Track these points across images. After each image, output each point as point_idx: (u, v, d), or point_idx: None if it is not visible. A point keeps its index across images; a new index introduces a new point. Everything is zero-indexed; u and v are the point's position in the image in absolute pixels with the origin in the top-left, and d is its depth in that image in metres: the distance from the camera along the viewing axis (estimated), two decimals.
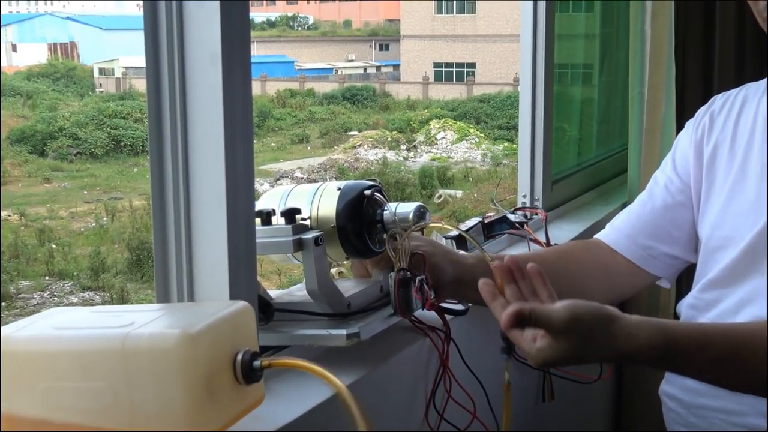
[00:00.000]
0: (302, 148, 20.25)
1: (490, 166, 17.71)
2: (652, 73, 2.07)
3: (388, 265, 1.17)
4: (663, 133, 2.06)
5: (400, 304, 1.08)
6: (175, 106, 0.93)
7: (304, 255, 1.06)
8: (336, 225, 1.11)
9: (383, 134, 20.05)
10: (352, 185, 1.14)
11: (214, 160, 0.92)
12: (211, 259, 0.94)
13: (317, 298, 1.07)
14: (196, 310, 0.86)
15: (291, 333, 1.06)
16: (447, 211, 13.61)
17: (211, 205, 0.93)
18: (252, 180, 0.96)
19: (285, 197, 1.17)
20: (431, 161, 18.28)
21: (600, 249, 1.40)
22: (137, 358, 0.76)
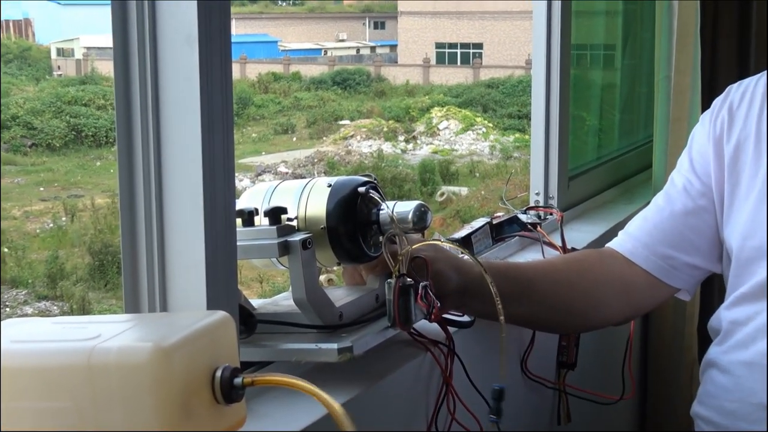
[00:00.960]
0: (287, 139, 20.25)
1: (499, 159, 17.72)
2: (679, 56, 2.07)
3: (384, 270, 1.18)
4: (690, 122, 2.07)
5: (398, 314, 1.09)
6: (146, 92, 0.94)
7: (290, 260, 1.07)
8: (326, 226, 1.11)
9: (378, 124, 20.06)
10: (345, 181, 1.14)
11: (189, 153, 0.93)
12: (186, 264, 0.95)
13: (305, 309, 1.08)
14: (169, 321, 0.87)
15: (275, 347, 1.07)
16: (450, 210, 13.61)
17: (186, 203, 0.94)
18: (232, 175, 0.96)
19: (269, 195, 1.17)
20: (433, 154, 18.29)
21: (615, 259, 1.40)
22: (105, 374, 0.77)
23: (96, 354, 0.77)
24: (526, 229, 1.69)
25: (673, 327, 2.13)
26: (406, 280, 1.09)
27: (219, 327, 0.85)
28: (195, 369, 0.80)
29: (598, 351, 1.81)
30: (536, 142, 1.94)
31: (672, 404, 2.13)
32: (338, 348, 1.04)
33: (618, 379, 1.66)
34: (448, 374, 1.19)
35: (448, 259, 1.22)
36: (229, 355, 0.85)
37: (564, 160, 1.95)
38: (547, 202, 1.92)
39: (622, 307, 1.39)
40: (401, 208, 1.14)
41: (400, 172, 16.17)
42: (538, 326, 1.43)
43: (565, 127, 1.95)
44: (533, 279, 1.32)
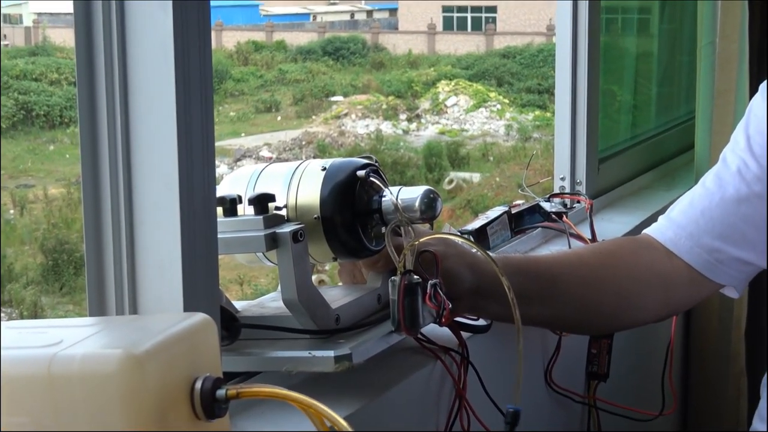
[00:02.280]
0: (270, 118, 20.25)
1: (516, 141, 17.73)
2: (725, 19, 2.08)
3: (387, 267, 1.18)
4: (738, 95, 2.08)
5: (404, 317, 1.09)
6: (112, 63, 0.94)
7: (279, 254, 1.08)
8: (320, 215, 1.12)
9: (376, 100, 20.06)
10: (341, 164, 1.15)
11: (163, 132, 0.93)
12: (159, 260, 0.96)
13: (296, 311, 1.09)
14: (141, 325, 0.88)
15: (262, 355, 1.08)
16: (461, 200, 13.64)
17: (159, 190, 0.95)
18: (212, 157, 0.97)
19: (254, 180, 1.18)
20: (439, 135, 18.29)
21: (653, 250, 1.41)
22: (67, 386, 0.77)
23: (57, 362, 0.78)
24: (549, 220, 1.69)
25: (719, 332, 2.14)
26: (412, 277, 1.09)
27: (198, 331, 0.85)
28: (171, 379, 0.81)
29: (634, 359, 1.81)
30: (561, 120, 1.94)
31: (718, 420, 2.13)
32: (335, 356, 1.05)
33: (657, 392, 1.66)
34: (461, 386, 1.20)
35: (460, 255, 1.23)
36: (210, 363, 0.85)
37: (593, 141, 1.96)
38: (573, 189, 1.92)
39: (659, 306, 1.40)
40: (407, 195, 1.14)
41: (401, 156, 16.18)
42: (564, 328, 1.44)
43: (594, 103, 1.95)
44: (557, 275, 1.33)
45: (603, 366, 1.59)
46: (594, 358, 1.59)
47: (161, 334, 0.82)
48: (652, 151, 2.31)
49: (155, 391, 0.79)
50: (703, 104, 2.11)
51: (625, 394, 1.68)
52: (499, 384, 1.26)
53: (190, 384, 0.82)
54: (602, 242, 1.56)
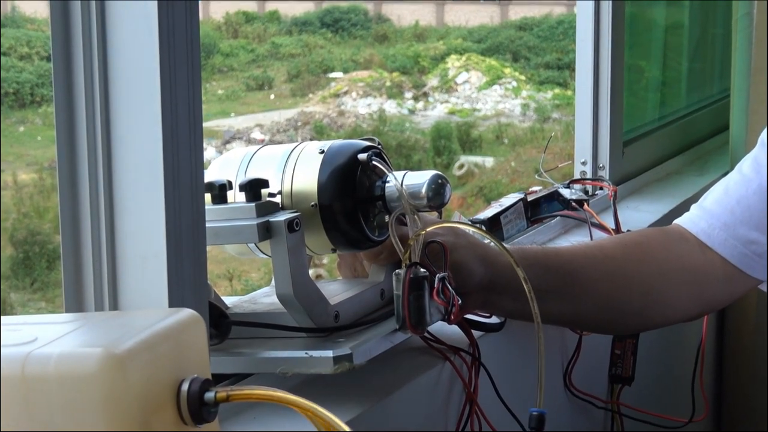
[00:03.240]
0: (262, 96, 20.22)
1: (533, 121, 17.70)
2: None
3: (391, 259, 1.19)
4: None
5: (409, 314, 1.10)
6: (91, 36, 0.94)
7: (272, 245, 1.08)
8: (318, 203, 1.12)
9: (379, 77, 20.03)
10: (341, 146, 1.15)
11: (146, 111, 0.93)
12: (142, 251, 0.96)
13: (292, 307, 1.09)
14: (122, 322, 0.88)
15: (254, 356, 1.08)
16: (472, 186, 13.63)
17: (142, 175, 0.95)
18: (200, 138, 0.97)
19: (245, 164, 1.18)
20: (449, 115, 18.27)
21: (685, 242, 1.41)
22: (42, 388, 0.78)
23: (31, 362, 0.78)
24: (569, 208, 1.70)
25: (755, 332, 2.14)
26: (418, 270, 1.10)
27: (185, 328, 0.86)
28: (155, 381, 0.81)
29: (662, 361, 1.82)
30: (582, 98, 1.95)
31: (753, 428, 2.14)
32: (334, 356, 1.05)
33: (686, 397, 1.67)
34: (472, 389, 1.21)
35: (471, 246, 1.23)
36: (197, 363, 0.86)
37: (617, 121, 1.96)
38: (596, 174, 1.93)
39: (690, 304, 1.41)
40: (413, 180, 1.15)
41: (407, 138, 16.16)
42: (585, 326, 1.44)
43: (618, 80, 1.95)
44: (578, 269, 1.33)
45: (628, 368, 1.60)
46: (618, 359, 1.60)
47: (144, 332, 0.82)
48: (682, 133, 2.32)
49: (138, 393, 0.79)
50: (739, 81, 2.11)
51: (652, 399, 1.69)
52: (513, 387, 1.27)
53: (176, 386, 0.83)
54: (628, 233, 1.56)
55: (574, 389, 1.50)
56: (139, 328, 0.83)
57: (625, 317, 1.39)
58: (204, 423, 0.84)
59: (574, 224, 1.72)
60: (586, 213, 1.68)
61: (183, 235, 0.96)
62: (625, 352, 1.60)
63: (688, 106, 2.54)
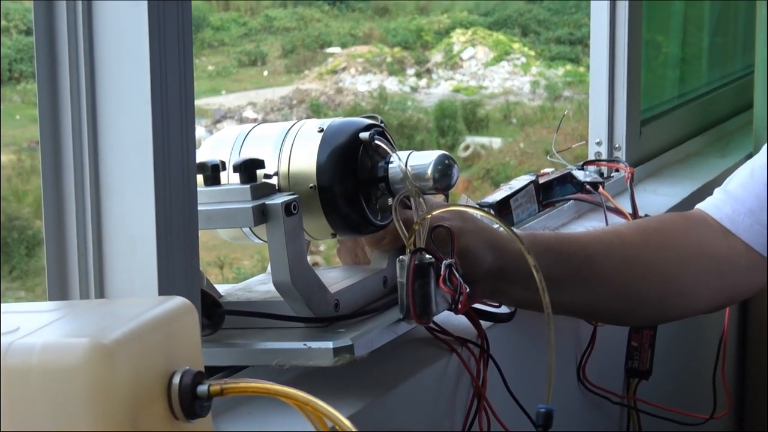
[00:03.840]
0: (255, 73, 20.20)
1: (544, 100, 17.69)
2: None
3: (395, 245, 1.19)
4: None
5: (414, 303, 1.10)
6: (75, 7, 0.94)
7: (268, 229, 1.08)
8: (317, 185, 1.12)
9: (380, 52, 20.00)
10: (341, 125, 1.15)
11: (135, 86, 0.93)
12: (130, 236, 0.96)
13: (289, 295, 1.09)
14: (109, 311, 0.88)
15: (249, 347, 1.08)
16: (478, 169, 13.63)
17: (130, 154, 0.95)
18: (192, 115, 0.97)
19: (239, 143, 1.18)
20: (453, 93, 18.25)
21: (707, 228, 1.41)
22: (24, 380, 0.78)
23: (13, 353, 0.78)
24: (583, 191, 1.70)
25: None
26: (424, 256, 1.10)
27: (176, 318, 0.86)
28: (145, 373, 0.81)
29: (681, 354, 1.82)
30: (596, 75, 1.95)
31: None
32: (334, 347, 1.05)
33: (707, 392, 1.67)
34: (480, 383, 1.21)
35: (479, 231, 1.23)
36: (189, 355, 0.86)
37: (634, 99, 1.96)
38: (611, 155, 1.93)
39: (713, 294, 1.41)
40: (418, 161, 1.15)
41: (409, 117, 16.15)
42: (600, 317, 1.44)
43: (635, 56, 1.95)
44: (594, 256, 1.33)
45: (645, 361, 1.60)
46: (634, 352, 1.60)
47: (133, 321, 0.82)
48: (703, 112, 2.31)
49: (126, 386, 0.79)
50: (763, 57, 2.11)
51: (671, 394, 1.69)
52: (524, 381, 1.27)
53: (166, 379, 0.83)
54: (646, 218, 1.56)
55: (588, 383, 1.50)
56: (127, 317, 0.83)
57: (643, 308, 1.39)
58: (196, 418, 0.84)
59: (589, 208, 1.72)
60: (601, 196, 1.68)
61: (173, 219, 0.96)
62: (643, 345, 1.60)
63: (709, 84, 2.53)
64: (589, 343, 1.50)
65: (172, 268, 0.97)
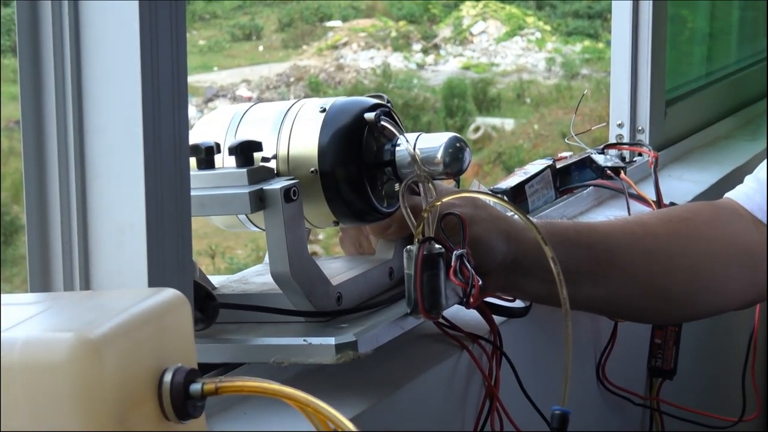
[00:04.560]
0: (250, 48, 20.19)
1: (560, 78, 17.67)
2: None
3: (402, 233, 1.19)
4: None
5: (422, 296, 1.10)
6: None
7: (267, 217, 1.08)
8: (318, 169, 1.12)
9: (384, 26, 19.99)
10: (344, 104, 1.15)
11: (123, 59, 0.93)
12: (118, 223, 0.96)
13: (288, 287, 1.09)
14: (96, 304, 0.88)
15: (245, 343, 1.09)
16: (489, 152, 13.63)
17: (118, 135, 0.95)
18: (184, 93, 0.97)
19: (235, 124, 1.18)
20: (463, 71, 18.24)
21: (738, 218, 1.41)
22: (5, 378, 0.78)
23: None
24: (604, 177, 1.70)
25: None
26: (433, 246, 1.10)
27: (168, 311, 0.86)
28: (135, 371, 0.81)
29: (708, 353, 1.82)
30: (618, 52, 1.94)
31: None
32: (336, 344, 1.05)
33: (736, 393, 1.67)
34: (492, 382, 1.21)
35: (493, 219, 1.23)
36: (182, 351, 0.86)
37: (659, 78, 1.96)
38: (634, 138, 1.93)
39: (743, 289, 1.41)
40: (427, 144, 1.15)
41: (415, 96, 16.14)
42: (621, 313, 1.44)
43: (660, 31, 1.95)
44: (615, 247, 1.33)
45: (669, 360, 1.60)
46: (658, 350, 1.60)
47: (121, 315, 0.82)
48: (732, 92, 2.31)
49: (114, 384, 0.79)
50: None
51: (697, 395, 1.69)
52: (539, 380, 1.27)
53: (157, 376, 0.83)
54: (672, 207, 1.56)
55: (608, 383, 1.50)
56: (115, 310, 0.83)
57: (668, 304, 1.39)
58: (189, 419, 0.84)
59: (609, 195, 1.72)
60: (622, 182, 1.68)
61: (165, 205, 0.96)
62: (667, 342, 1.60)
63: (739, 61, 2.53)
64: (609, 340, 1.50)
65: (163, 258, 0.97)
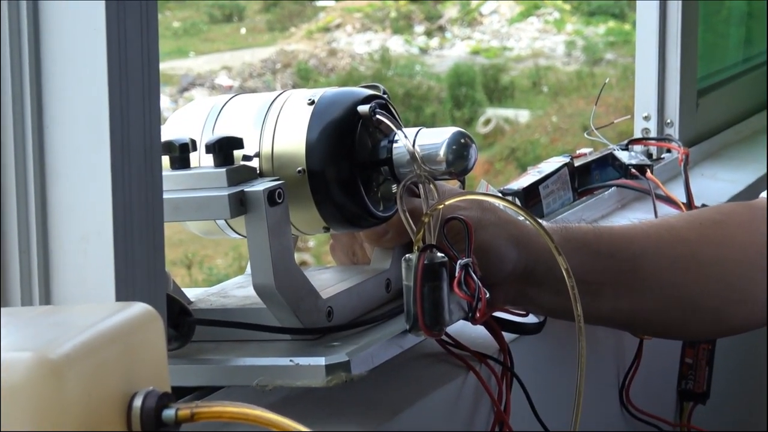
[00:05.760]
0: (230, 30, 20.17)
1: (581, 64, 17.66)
2: None
3: (399, 240, 1.19)
4: None
5: (423, 311, 1.10)
6: None
7: (248, 222, 1.09)
8: (306, 168, 1.13)
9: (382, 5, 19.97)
10: (335, 96, 1.16)
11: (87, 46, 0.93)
12: (82, 229, 0.96)
13: (273, 301, 1.10)
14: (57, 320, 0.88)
15: (225, 364, 1.09)
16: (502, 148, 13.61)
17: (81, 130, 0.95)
18: (156, 84, 0.97)
19: (213, 118, 1.19)
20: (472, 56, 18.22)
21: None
22: None
23: None
24: (628, 176, 1.70)
25: None
26: (435, 255, 1.10)
27: (137, 328, 0.86)
28: (101, 395, 0.82)
29: (744, 374, 1.83)
30: (644, 35, 1.94)
31: None
32: (326, 365, 1.06)
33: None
34: (502, 407, 1.21)
35: (502, 224, 1.23)
36: (154, 373, 0.86)
37: (690, 65, 1.96)
38: (662, 132, 1.93)
39: None
40: (428, 140, 1.15)
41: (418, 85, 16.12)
42: (647, 329, 1.44)
43: (692, 10, 1.95)
44: (640, 254, 1.33)
45: (701, 383, 1.60)
46: (689, 371, 1.61)
47: (86, 332, 0.83)
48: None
49: (78, 409, 0.80)
50: None
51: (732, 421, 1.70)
52: (554, 404, 1.27)
53: (126, 401, 0.83)
54: (703, 209, 1.56)
55: (632, 408, 1.50)
56: (78, 327, 0.83)
57: (699, 317, 1.39)
58: None
59: (634, 197, 1.72)
60: (649, 182, 1.68)
61: (134, 209, 0.97)
62: (699, 362, 1.60)
63: None
64: (634, 359, 1.50)
65: (133, 269, 0.97)
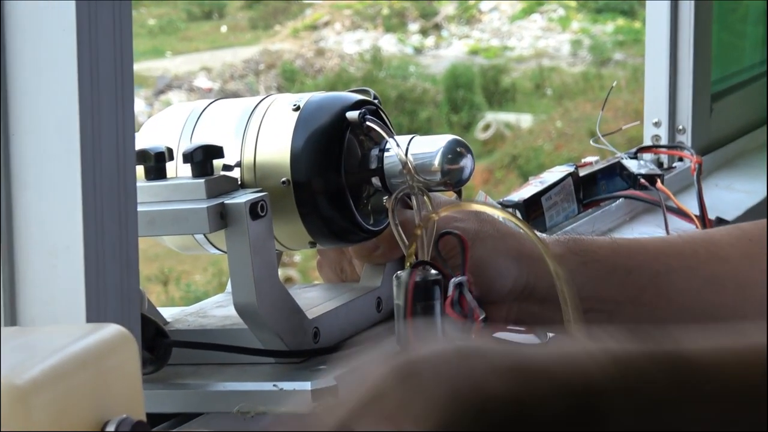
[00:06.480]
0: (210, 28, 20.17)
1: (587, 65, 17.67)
2: None
3: (391, 256, 1.20)
4: None
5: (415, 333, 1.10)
6: None
7: (229, 237, 1.09)
8: (291, 179, 1.13)
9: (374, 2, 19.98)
10: (322, 101, 1.16)
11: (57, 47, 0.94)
12: (51, 245, 0.96)
13: (255, 322, 1.10)
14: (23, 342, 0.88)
15: (204, 389, 1.09)
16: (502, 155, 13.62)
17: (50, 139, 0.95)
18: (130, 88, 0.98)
19: (191, 125, 1.19)
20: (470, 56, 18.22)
21: None
22: None
23: None
24: (637, 187, 1.70)
25: None
26: (428, 272, 1.10)
27: (110, 351, 0.86)
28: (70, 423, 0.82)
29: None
30: (654, 34, 1.95)
31: None
32: (312, 389, 1.06)
33: None
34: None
35: (501, 237, 1.23)
36: (127, 398, 0.86)
37: (704, 67, 1.96)
38: (673, 140, 1.93)
39: None
40: (421, 148, 1.15)
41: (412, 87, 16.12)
42: None
43: (705, 9, 1.95)
44: (666, 271, 1.31)
45: None
46: None
47: (54, 356, 0.83)
48: None
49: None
50: None
51: None
52: None
53: (98, 430, 0.83)
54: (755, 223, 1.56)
55: None
56: (46, 350, 0.83)
57: None
58: None
59: (643, 209, 1.72)
60: (659, 193, 1.68)
61: (106, 222, 0.97)
62: None
63: None
64: None
65: (105, 287, 0.97)
